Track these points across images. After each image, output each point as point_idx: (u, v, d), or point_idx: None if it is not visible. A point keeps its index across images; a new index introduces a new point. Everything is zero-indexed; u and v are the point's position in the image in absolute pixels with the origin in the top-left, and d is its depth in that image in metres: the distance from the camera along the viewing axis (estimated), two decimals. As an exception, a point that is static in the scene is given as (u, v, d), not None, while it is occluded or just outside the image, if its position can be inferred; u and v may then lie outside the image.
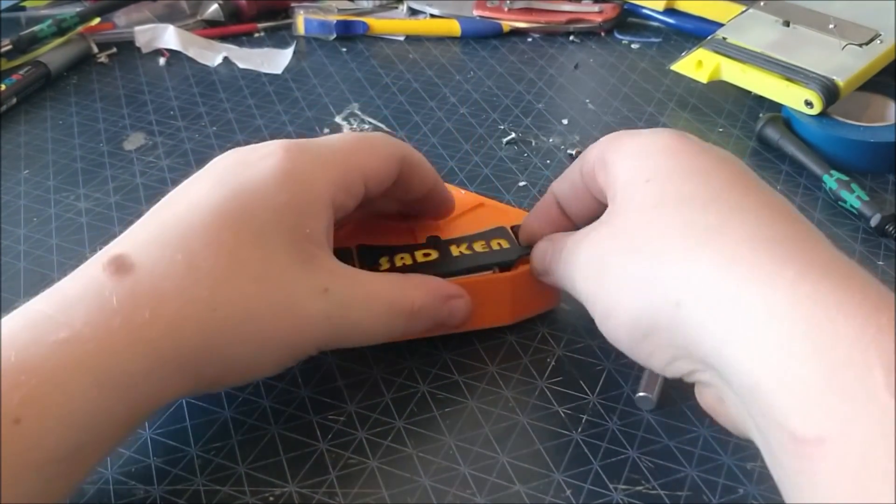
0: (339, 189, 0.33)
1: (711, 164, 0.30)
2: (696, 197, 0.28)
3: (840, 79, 0.51)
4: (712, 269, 0.26)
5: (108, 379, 0.28)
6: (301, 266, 0.31)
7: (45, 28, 0.63)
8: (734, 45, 0.55)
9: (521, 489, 0.33)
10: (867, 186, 0.48)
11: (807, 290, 0.24)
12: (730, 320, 0.25)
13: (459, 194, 0.44)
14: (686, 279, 0.27)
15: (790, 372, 0.23)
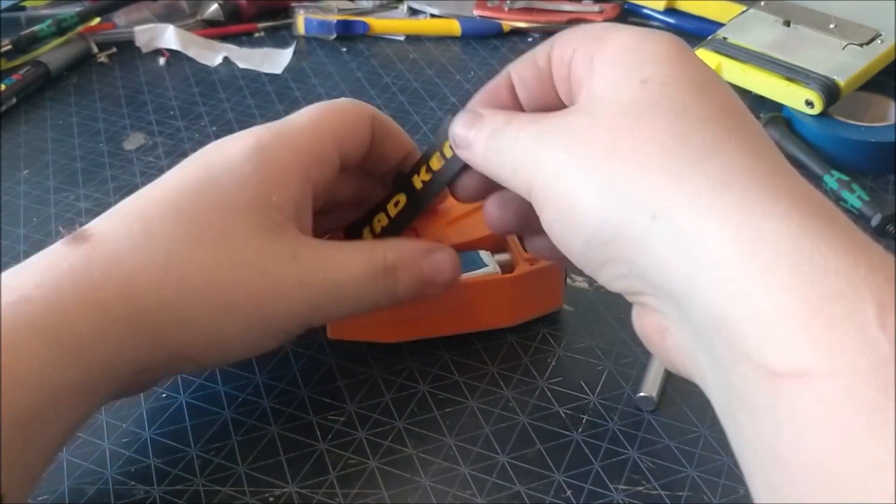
0: (312, 159, 0.33)
1: (711, 81, 0.28)
2: (693, 110, 0.26)
3: (841, 79, 0.51)
4: (700, 189, 0.24)
5: (58, 340, 0.28)
6: (267, 233, 0.31)
7: (45, 28, 0.63)
8: (735, 44, 0.55)
9: (521, 489, 0.33)
10: (868, 186, 0.48)
11: (798, 224, 0.23)
12: (708, 245, 0.23)
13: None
14: (668, 195, 0.24)
15: (772, 303, 0.22)
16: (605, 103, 0.27)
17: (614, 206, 0.26)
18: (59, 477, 0.34)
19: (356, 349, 0.39)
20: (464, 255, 0.38)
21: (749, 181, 0.24)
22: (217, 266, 0.30)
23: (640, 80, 0.27)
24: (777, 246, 0.22)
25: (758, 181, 0.24)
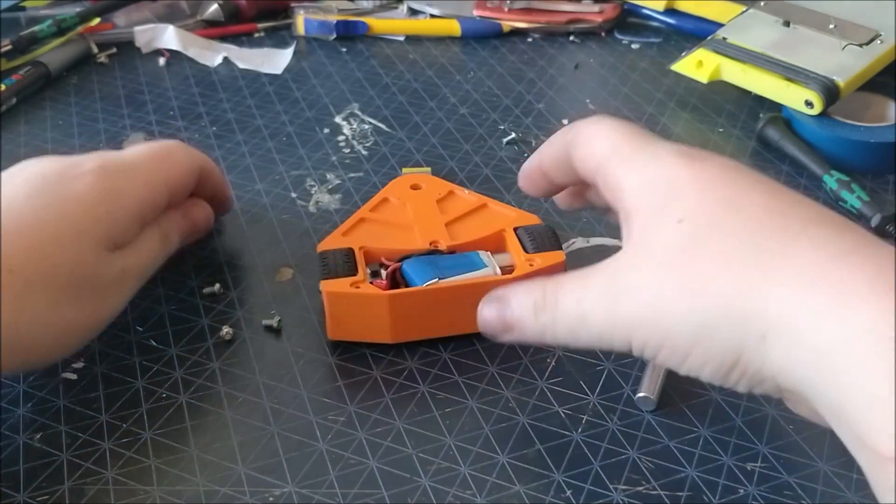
0: (145, 205, 0.38)
1: (737, 184, 0.29)
2: (741, 227, 0.27)
3: (840, 79, 0.51)
4: (789, 298, 0.25)
5: None
6: (102, 257, 0.36)
7: (45, 28, 0.63)
8: (734, 45, 0.55)
9: (521, 489, 0.33)
10: (867, 187, 0.48)
11: (885, 305, 0.24)
12: (815, 349, 0.25)
13: (463, 194, 0.44)
14: (764, 312, 0.26)
15: (875, 391, 0.23)
16: (658, 250, 0.29)
17: (723, 339, 0.27)
18: (60, 477, 0.34)
19: (356, 349, 0.39)
20: (463, 257, 0.39)
21: (826, 276, 0.25)
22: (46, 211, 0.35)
23: (676, 220, 0.28)
24: (871, 334, 0.24)
25: (833, 270, 0.25)
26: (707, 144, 0.54)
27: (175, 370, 0.39)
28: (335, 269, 0.38)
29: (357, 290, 0.37)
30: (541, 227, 0.40)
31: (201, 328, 0.41)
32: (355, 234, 0.41)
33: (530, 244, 0.39)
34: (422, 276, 0.38)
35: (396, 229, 0.41)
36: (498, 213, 0.42)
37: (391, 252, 0.40)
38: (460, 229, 0.41)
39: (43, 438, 0.36)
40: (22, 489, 0.34)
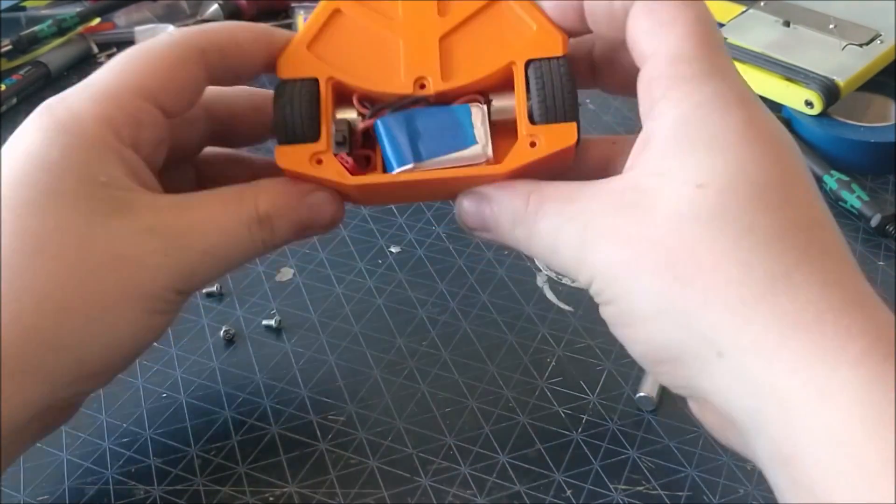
0: (119, 123, 0.28)
1: (781, 179, 0.24)
2: (758, 229, 0.23)
3: (840, 79, 0.51)
4: (767, 330, 0.23)
5: None
6: (112, 217, 0.27)
7: (46, 28, 0.63)
8: (734, 45, 0.55)
9: (521, 489, 0.33)
10: (867, 187, 0.48)
11: (871, 372, 0.21)
12: (777, 390, 0.22)
13: None
14: (734, 334, 0.23)
15: (839, 454, 0.21)
16: (658, 205, 0.24)
17: (676, 331, 0.24)
18: (60, 477, 0.34)
19: (356, 349, 0.39)
20: (450, 115, 0.30)
21: (820, 321, 0.22)
22: (71, 275, 0.26)
23: (696, 183, 0.24)
24: (849, 396, 0.21)
25: (830, 320, 0.22)
26: (707, 144, 0.54)
27: (175, 370, 0.39)
28: (293, 125, 0.29)
29: (318, 171, 0.29)
30: (560, 66, 0.29)
31: (201, 328, 0.41)
32: (325, 43, 0.31)
33: (539, 106, 0.29)
34: (397, 153, 0.29)
35: (377, 44, 0.30)
36: (512, 22, 0.30)
37: (364, 91, 0.30)
38: (458, 53, 0.30)
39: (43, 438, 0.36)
40: (22, 489, 0.34)
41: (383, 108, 0.30)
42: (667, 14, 0.26)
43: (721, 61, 0.26)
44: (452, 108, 0.29)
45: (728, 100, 0.25)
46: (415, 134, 0.29)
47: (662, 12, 0.26)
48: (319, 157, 0.29)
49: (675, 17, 0.26)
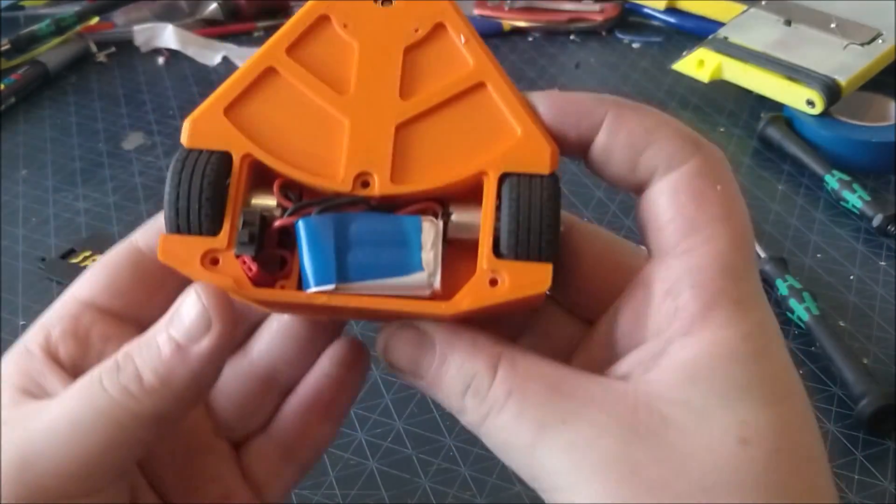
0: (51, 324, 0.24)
1: (814, 435, 0.21)
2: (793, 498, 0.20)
3: (842, 78, 0.51)
4: None
5: None
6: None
7: (44, 27, 0.63)
8: (735, 44, 0.55)
9: (521, 490, 0.33)
10: (869, 187, 0.48)
11: None
12: None
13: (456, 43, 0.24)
14: None
15: None
16: (689, 450, 0.20)
17: None
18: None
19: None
20: (395, 225, 0.23)
21: None
22: None
23: (739, 436, 0.20)
24: None
25: None
26: (708, 144, 0.54)
27: (174, 370, 0.39)
28: (186, 209, 0.22)
29: (209, 275, 0.22)
30: (543, 188, 0.22)
31: (200, 328, 0.41)
32: (250, 108, 0.24)
33: (509, 236, 0.22)
34: (317, 267, 0.22)
35: (315, 121, 0.24)
36: (492, 119, 0.23)
37: (290, 178, 0.23)
38: (417, 148, 0.23)
39: None
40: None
41: (310, 206, 0.23)
42: (720, 208, 0.21)
43: (759, 283, 0.22)
44: (399, 219, 0.23)
45: (770, 336, 0.21)
46: (345, 245, 0.23)
47: (715, 205, 0.21)
48: (215, 257, 0.22)
49: (728, 215, 0.22)
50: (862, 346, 0.39)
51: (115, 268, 0.25)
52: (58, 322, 0.24)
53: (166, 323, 0.22)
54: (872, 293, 0.42)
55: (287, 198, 0.23)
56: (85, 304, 0.25)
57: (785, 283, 0.41)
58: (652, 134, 0.22)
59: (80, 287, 0.25)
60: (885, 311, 0.41)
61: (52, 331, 0.24)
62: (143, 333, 0.22)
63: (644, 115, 0.22)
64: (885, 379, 0.37)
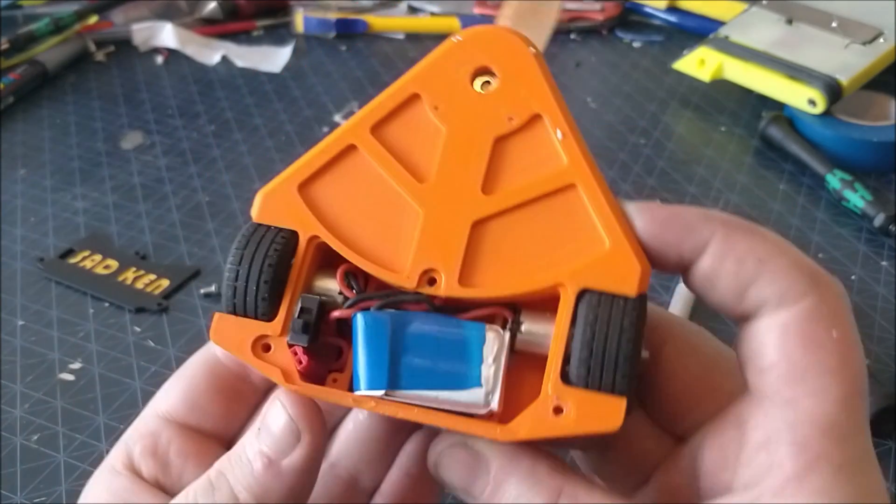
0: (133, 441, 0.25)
1: None
2: None
3: (843, 77, 0.51)
4: None
5: None
6: None
7: (43, 26, 0.63)
8: (737, 43, 0.55)
9: (522, 492, 0.33)
10: (870, 186, 0.48)
11: None
12: None
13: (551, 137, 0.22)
14: None
15: None
16: None
17: None
18: (57, 478, 0.34)
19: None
20: (456, 330, 0.21)
21: None
22: None
23: None
24: None
25: None
26: (709, 143, 0.54)
27: (173, 371, 0.38)
28: (244, 291, 0.22)
29: (259, 362, 0.22)
30: (626, 312, 0.20)
31: (199, 329, 0.41)
32: (324, 186, 0.23)
33: (580, 363, 0.20)
34: (370, 369, 0.21)
35: (389, 207, 0.22)
36: (578, 225, 0.21)
37: (355, 266, 0.22)
38: (492, 249, 0.21)
39: (40, 440, 0.36)
40: (19, 490, 0.33)
41: (370, 299, 0.22)
42: (832, 358, 0.19)
43: (868, 444, 0.20)
44: (462, 325, 0.21)
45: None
46: (401, 347, 0.21)
47: (827, 354, 0.19)
48: (267, 343, 0.22)
49: (840, 367, 0.20)
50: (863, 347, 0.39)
51: (192, 379, 0.25)
52: (138, 439, 0.25)
53: (255, 435, 0.21)
54: (874, 293, 0.42)
55: (350, 286, 0.22)
56: (163, 419, 0.25)
57: (786, 283, 0.41)
58: (764, 264, 0.20)
59: (159, 400, 0.25)
60: (887, 312, 0.41)
61: (133, 448, 0.24)
62: (234, 448, 0.22)
63: (756, 240, 0.20)
64: (886, 380, 0.37)
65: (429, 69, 0.22)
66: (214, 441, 0.24)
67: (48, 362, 0.39)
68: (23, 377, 0.38)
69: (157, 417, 0.25)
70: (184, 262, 0.45)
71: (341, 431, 0.25)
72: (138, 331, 0.41)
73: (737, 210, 0.47)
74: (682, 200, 0.48)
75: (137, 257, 0.45)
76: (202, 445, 0.24)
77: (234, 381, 0.23)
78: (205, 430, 0.24)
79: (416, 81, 0.22)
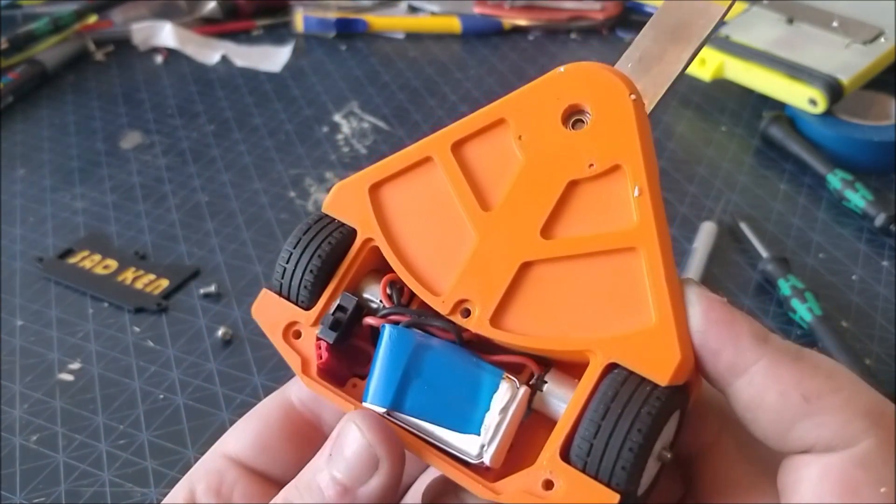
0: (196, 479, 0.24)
1: None
2: None
3: (844, 77, 0.51)
4: None
5: None
6: None
7: (42, 26, 0.63)
8: (737, 43, 0.55)
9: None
10: (871, 186, 0.48)
11: None
12: None
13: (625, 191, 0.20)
14: None
15: None
16: None
17: None
18: (56, 479, 0.34)
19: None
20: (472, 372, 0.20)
21: None
22: None
23: None
24: None
25: None
26: (710, 143, 0.54)
27: (172, 371, 0.38)
28: (292, 276, 0.22)
29: (283, 344, 0.22)
30: (651, 400, 0.18)
31: (199, 328, 0.41)
32: (393, 191, 0.23)
33: (583, 440, 0.19)
34: (380, 383, 0.21)
35: (448, 226, 0.22)
36: (630, 292, 0.20)
37: (397, 278, 0.22)
38: (533, 296, 0.20)
39: (40, 440, 0.36)
40: (19, 491, 0.33)
41: (403, 314, 0.21)
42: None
43: None
44: (481, 366, 0.20)
45: None
46: (415, 371, 0.21)
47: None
48: (298, 330, 0.22)
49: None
50: (864, 347, 0.39)
51: (265, 421, 0.24)
52: (203, 477, 0.24)
53: (326, 461, 0.20)
54: (875, 293, 0.42)
55: (391, 296, 0.22)
56: (230, 460, 0.24)
57: (787, 282, 0.41)
58: (811, 403, 0.17)
59: (229, 439, 0.24)
60: (888, 312, 0.41)
61: (196, 486, 0.24)
62: (300, 475, 0.21)
63: (805, 372, 0.18)
64: (886, 380, 0.37)
65: (523, 96, 0.21)
66: (281, 488, 0.23)
67: (47, 362, 0.39)
68: (22, 377, 0.38)
69: (225, 457, 0.24)
70: (183, 262, 0.45)
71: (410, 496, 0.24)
72: (137, 331, 0.41)
73: (737, 210, 0.47)
74: (682, 200, 0.48)
75: (137, 257, 0.45)
76: (268, 491, 0.23)
77: (307, 429, 0.22)
78: (272, 475, 0.23)
79: (507, 106, 0.22)
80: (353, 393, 0.22)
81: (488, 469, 0.20)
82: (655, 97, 0.21)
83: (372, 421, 0.20)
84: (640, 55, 0.21)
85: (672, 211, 0.47)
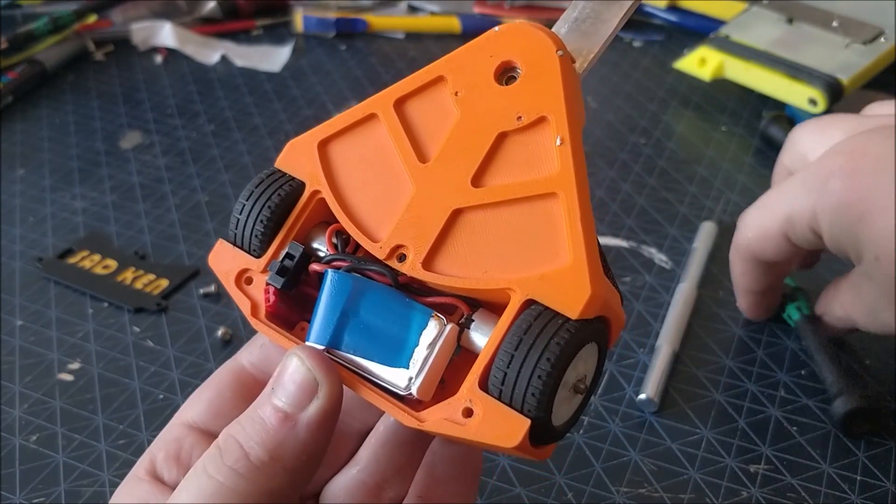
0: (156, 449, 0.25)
1: None
2: None
3: (844, 77, 0.51)
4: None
5: None
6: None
7: (41, 25, 0.63)
8: (737, 42, 0.55)
9: (522, 492, 0.33)
10: (871, 185, 0.48)
11: None
12: None
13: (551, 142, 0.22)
14: None
15: None
16: None
17: None
18: (56, 479, 0.34)
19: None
20: (405, 311, 0.22)
21: None
22: None
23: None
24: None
25: None
26: (710, 143, 0.54)
27: (172, 371, 0.38)
28: (244, 227, 0.24)
29: (235, 289, 0.24)
30: (561, 333, 0.20)
31: (198, 328, 0.41)
32: (340, 147, 0.24)
33: (498, 370, 0.20)
34: (321, 324, 0.22)
35: (388, 178, 0.23)
36: (549, 235, 0.21)
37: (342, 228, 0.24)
38: (462, 240, 0.22)
39: (39, 440, 0.36)
40: (18, 491, 0.33)
41: (343, 260, 0.23)
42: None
43: None
44: (413, 307, 0.22)
45: None
46: (352, 312, 0.22)
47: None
48: (250, 277, 0.24)
49: None
50: (864, 347, 0.39)
51: (218, 387, 0.25)
52: (162, 447, 0.25)
53: (268, 395, 0.21)
54: (875, 293, 0.42)
55: (335, 245, 0.23)
56: (188, 427, 0.25)
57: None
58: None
59: (185, 409, 0.25)
60: (888, 311, 0.41)
61: (157, 455, 0.24)
62: (243, 413, 0.22)
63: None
64: (886, 379, 0.37)
65: (460, 55, 0.23)
66: None
67: (47, 362, 0.39)
68: (22, 377, 0.38)
69: (182, 425, 0.25)
70: (183, 262, 0.45)
71: (371, 436, 0.25)
72: (137, 331, 0.41)
73: (737, 210, 0.47)
74: (682, 200, 0.48)
75: (136, 257, 0.45)
76: None
77: (259, 389, 0.23)
78: None
79: (445, 64, 0.23)
80: (300, 336, 0.23)
81: (420, 402, 0.21)
82: (589, 55, 0.23)
83: (311, 351, 0.21)
84: (575, 16, 0.23)
85: (672, 211, 0.47)
